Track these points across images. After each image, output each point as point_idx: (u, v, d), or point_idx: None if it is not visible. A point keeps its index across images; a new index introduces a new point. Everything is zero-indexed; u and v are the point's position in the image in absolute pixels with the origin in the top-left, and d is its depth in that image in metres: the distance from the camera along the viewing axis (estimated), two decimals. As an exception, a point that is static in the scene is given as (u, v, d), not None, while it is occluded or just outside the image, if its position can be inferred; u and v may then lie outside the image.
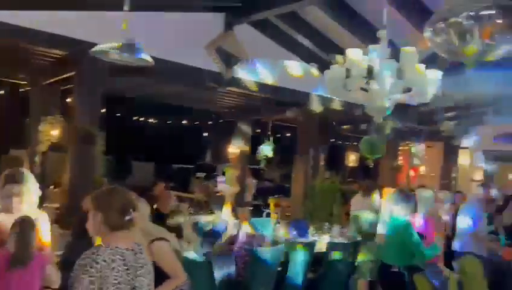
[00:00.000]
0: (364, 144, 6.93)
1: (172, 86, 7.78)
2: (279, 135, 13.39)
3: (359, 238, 5.47)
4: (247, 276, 4.09)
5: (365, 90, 4.15)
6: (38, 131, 6.75)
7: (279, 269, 4.48)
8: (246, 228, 4.55)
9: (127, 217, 2.07)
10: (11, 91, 10.34)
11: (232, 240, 4.36)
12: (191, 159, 18.59)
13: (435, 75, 3.86)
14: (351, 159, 10.54)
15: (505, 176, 11.23)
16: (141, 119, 18.45)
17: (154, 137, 19.12)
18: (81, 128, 5.48)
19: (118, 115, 17.65)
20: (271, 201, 10.70)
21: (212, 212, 8.74)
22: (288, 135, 13.91)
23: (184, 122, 18.12)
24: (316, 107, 7.73)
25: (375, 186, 7.35)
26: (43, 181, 7.36)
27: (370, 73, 4.02)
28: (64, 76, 6.21)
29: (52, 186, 7.57)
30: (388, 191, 8.59)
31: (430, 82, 3.89)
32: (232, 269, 4.02)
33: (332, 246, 4.93)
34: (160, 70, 5.81)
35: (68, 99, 7.37)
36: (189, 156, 19.17)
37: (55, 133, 6.63)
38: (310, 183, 7.86)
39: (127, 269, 2.03)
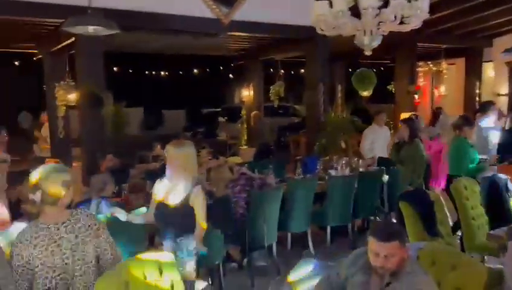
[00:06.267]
0: (355, 78, 6.78)
1: (172, 38, 7.92)
2: (293, 72, 13.25)
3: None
4: (249, 216, 4.32)
5: (356, 16, 4.08)
6: (54, 96, 7.07)
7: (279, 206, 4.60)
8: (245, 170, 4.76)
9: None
10: (25, 61, 10.89)
11: (233, 182, 4.56)
12: (218, 102, 18.93)
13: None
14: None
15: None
16: (163, 73, 18.88)
17: (180, 86, 19.57)
18: (88, 92, 5.76)
19: (148, 71, 18.31)
20: (290, 138, 10.83)
21: (235, 154, 9.06)
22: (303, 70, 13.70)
23: (197, 70, 18.24)
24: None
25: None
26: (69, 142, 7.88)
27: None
28: (68, 42, 6.41)
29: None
30: (404, 116, 8.53)
31: (418, 6, 3.78)
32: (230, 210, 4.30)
33: (331, 179, 5.11)
34: (161, 24, 6.00)
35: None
36: (216, 99, 19.50)
37: (71, 97, 6.87)
38: (322, 117, 7.86)
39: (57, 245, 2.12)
